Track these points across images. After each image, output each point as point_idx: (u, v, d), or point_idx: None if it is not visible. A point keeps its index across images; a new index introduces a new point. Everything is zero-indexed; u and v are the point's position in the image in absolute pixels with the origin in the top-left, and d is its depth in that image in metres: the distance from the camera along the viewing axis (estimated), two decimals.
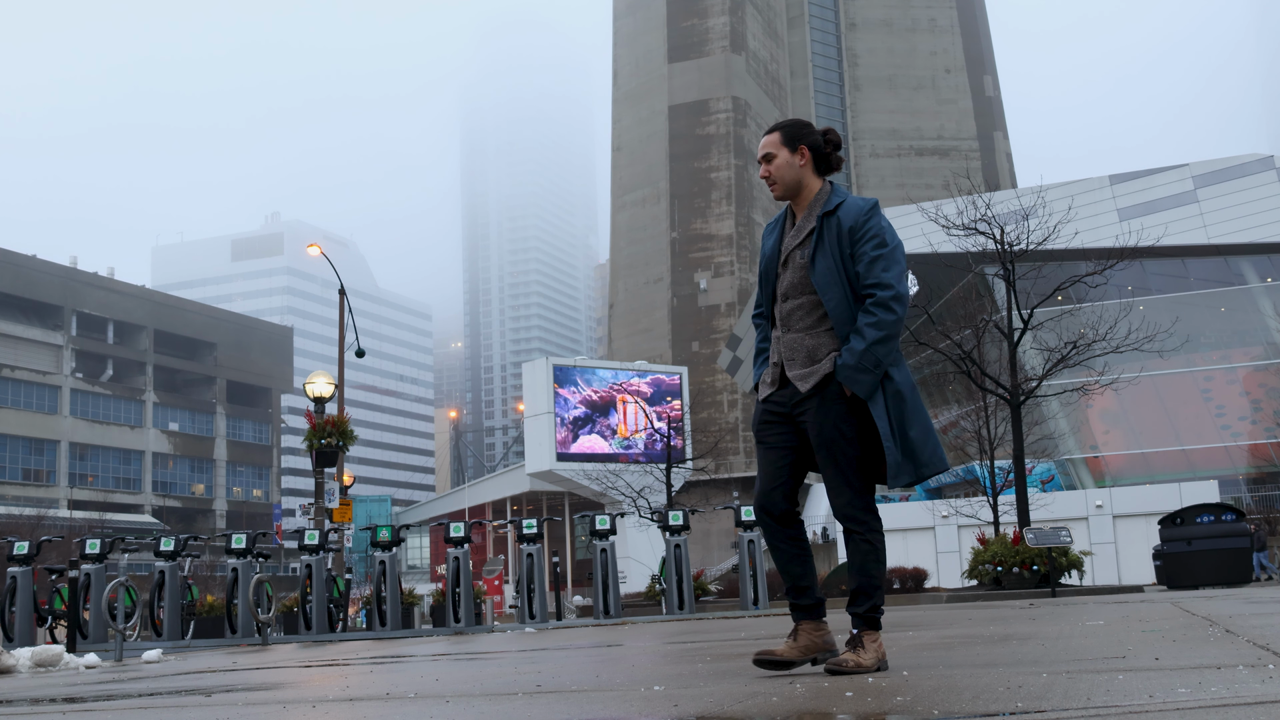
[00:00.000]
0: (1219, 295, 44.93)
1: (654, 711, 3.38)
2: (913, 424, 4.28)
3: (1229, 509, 20.77)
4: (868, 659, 4.15)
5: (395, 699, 4.38)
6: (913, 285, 40.23)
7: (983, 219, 21.53)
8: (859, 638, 4.21)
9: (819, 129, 4.58)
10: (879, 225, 4.34)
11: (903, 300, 4.25)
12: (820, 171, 4.52)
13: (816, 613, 4.41)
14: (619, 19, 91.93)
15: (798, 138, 4.50)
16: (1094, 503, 34.41)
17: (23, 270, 77.93)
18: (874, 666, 4.15)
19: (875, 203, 4.44)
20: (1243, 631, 5.26)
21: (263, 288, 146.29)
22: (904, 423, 4.27)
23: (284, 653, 10.45)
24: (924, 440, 4.27)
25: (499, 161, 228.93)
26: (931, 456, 4.27)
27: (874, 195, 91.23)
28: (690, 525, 15.76)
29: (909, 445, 4.27)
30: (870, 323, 4.24)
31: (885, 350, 4.24)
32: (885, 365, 4.26)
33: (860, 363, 4.22)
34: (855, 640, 4.20)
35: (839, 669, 4.09)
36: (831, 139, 4.54)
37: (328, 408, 23.11)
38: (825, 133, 4.56)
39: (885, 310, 4.23)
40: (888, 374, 4.29)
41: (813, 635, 4.36)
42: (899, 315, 4.23)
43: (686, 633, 9.61)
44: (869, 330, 4.23)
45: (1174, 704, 2.79)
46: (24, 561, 14.96)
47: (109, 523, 66.69)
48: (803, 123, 4.58)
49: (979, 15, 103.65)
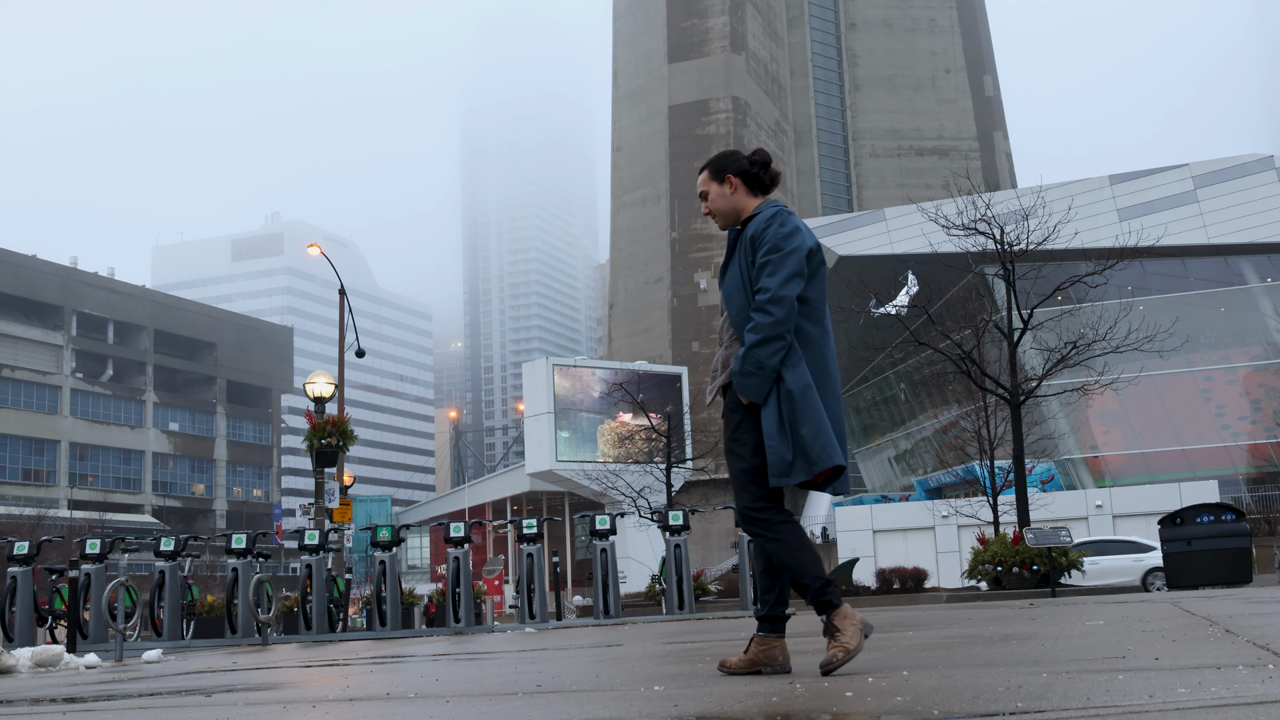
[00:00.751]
0: (1219, 295, 44.94)
1: (654, 711, 3.38)
2: (804, 422, 4.30)
3: (1229, 509, 20.75)
4: (850, 640, 4.17)
5: (395, 699, 4.38)
6: (913, 285, 40.24)
7: (983, 219, 21.54)
8: (830, 624, 4.25)
9: (748, 151, 4.76)
10: (775, 233, 4.44)
11: (779, 301, 4.30)
12: (756, 191, 4.67)
13: (765, 626, 4.48)
14: (619, 19, 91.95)
15: (722, 169, 4.70)
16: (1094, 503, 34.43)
17: (23, 270, 77.94)
18: (858, 644, 4.18)
19: (777, 211, 4.54)
20: (1243, 631, 5.26)
21: (263, 288, 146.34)
22: (795, 421, 4.32)
23: (284, 653, 10.45)
24: (814, 438, 4.28)
25: (499, 161, 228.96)
26: (822, 453, 4.28)
27: (874, 195, 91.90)
28: (690, 525, 15.74)
29: (800, 443, 4.30)
30: (750, 327, 4.35)
31: (767, 352, 4.30)
32: (772, 367, 4.31)
33: (743, 367, 4.33)
34: (829, 628, 4.24)
35: (830, 666, 4.12)
36: (758, 159, 4.68)
37: (328, 408, 23.11)
38: (753, 155, 4.72)
39: (761, 313, 4.31)
40: (781, 375, 4.34)
41: (757, 647, 4.45)
42: (776, 317, 4.29)
43: (686, 633, 9.61)
44: (749, 335, 4.34)
45: (1174, 704, 2.79)
46: (24, 561, 14.95)
47: (109, 523, 66.68)
48: (727, 154, 4.77)
49: (979, 15, 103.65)
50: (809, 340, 4.43)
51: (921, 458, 54.62)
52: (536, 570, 15.15)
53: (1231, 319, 45.04)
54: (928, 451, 53.16)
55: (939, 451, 49.49)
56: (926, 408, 52.42)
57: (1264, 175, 44.90)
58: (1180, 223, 43.10)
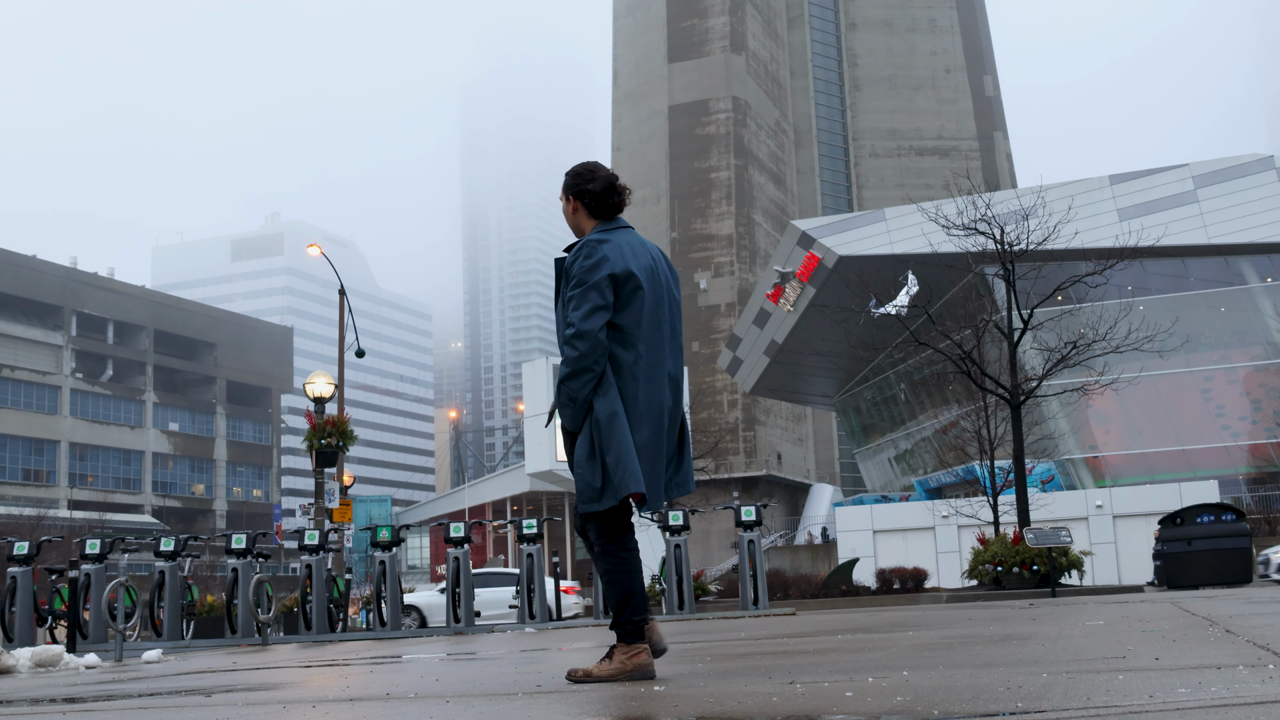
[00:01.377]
0: (1219, 295, 44.92)
1: (654, 711, 3.38)
2: (609, 449, 4.48)
3: (1229, 509, 20.75)
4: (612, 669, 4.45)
5: (396, 699, 4.38)
6: (913, 285, 40.21)
7: (983, 219, 21.54)
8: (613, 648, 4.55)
9: (603, 171, 4.83)
10: (580, 265, 4.59)
11: (583, 336, 4.47)
12: (597, 214, 4.78)
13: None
14: (619, 19, 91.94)
15: (568, 189, 4.85)
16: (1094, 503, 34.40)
17: (23, 270, 77.93)
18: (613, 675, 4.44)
19: (586, 242, 4.66)
20: (1243, 631, 5.26)
21: (263, 288, 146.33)
22: (602, 448, 4.49)
23: (284, 653, 10.45)
24: (616, 465, 4.46)
25: (499, 161, 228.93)
26: (621, 481, 4.46)
27: (874, 195, 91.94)
28: (690, 525, 15.74)
29: (606, 470, 4.49)
30: (559, 362, 4.64)
31: (577, 385, 4.50)
32: (583, 398, 4.51)
33: (557, 399, 4.59)
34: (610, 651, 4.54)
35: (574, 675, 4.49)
36: (598, 183, 4.75)
37: (328, 408, 23.12)
38: (599, 175, 4.78)
39: (568, 347, 4.52)
40: (591, 404, 4.50)
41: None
42: (579, 351, 4.47)
43: (686, 633, 9.60)
44: (560, 368, 4.58)
45: (1174, 704, 2.79)
46: (24, 561, 14.95)
47: (109, 523, 66.70)
48: (578, 172, 4.86)
49: (979, 15, 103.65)
50: (621, 366, 4.56)
51: (921, 458, 54.60)
52: (536, 570, 15.16)
53: (1231, 319, 45.01)
54: (928, 451, 53.15)
55: (939, 451, 49.47)
56: (926, 408, 52.40)
57: (1264, 175, 44.84)
58: (1180, 223, 43.04)
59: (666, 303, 4.73)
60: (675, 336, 4.78)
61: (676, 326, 4.80)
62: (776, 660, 5.40)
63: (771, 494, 72.43)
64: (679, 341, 4.82)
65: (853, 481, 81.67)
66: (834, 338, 41.39)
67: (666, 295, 4.75)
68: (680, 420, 4.81)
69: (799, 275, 47.54)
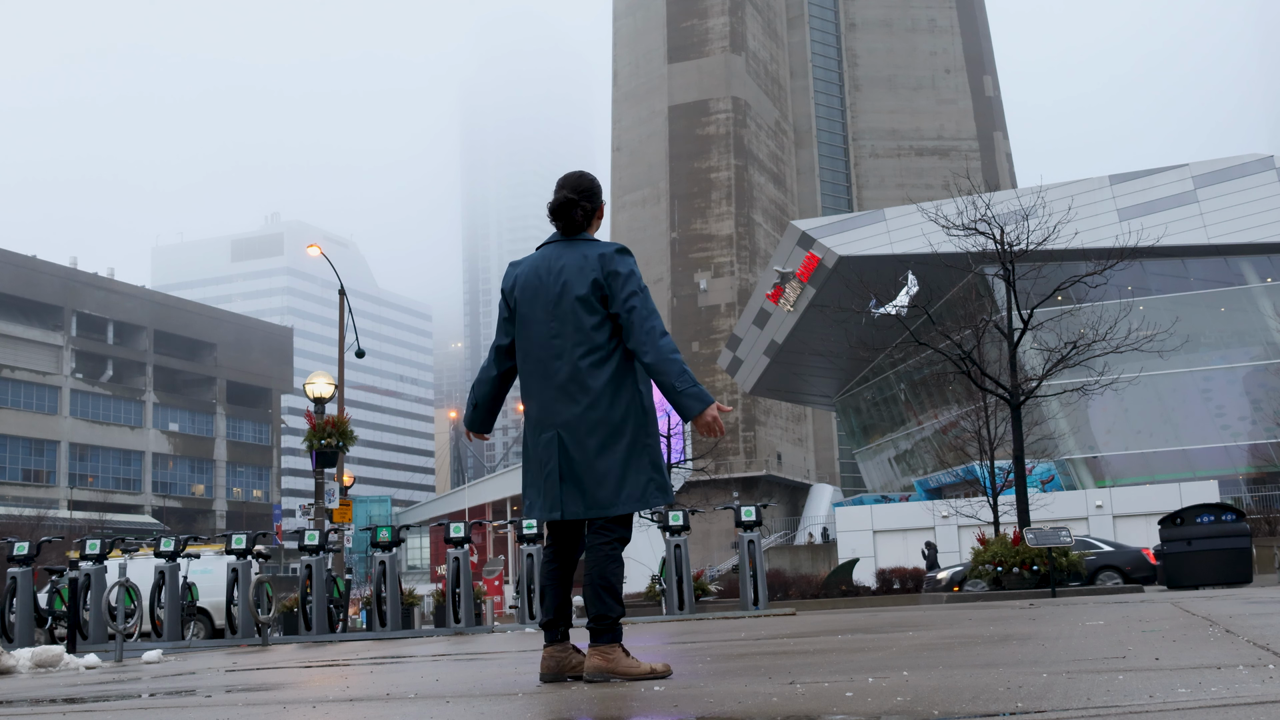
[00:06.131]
0: (1219, 295, 44.93)
1: (654, 711, 3.38)
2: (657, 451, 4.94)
3: (1229, 509, 20.74)
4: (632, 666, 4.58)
5: (396, 699, 4.38)
6: (913, 285, 40.22)
7: (983, 219, 21.51)
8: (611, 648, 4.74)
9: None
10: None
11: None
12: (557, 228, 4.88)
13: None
14: (619, 19, 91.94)
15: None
16: (1094, 503, 34.43)
17: (23, 270, 77.91)
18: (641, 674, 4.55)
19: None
20: (1243, 631, 5.26)
21: (263, 288, 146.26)
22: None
23: (284, 653, 10.45)
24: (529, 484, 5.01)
25: (499, 161, 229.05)
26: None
27: (874, 195, 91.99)
28: (690, 525, 15.74)
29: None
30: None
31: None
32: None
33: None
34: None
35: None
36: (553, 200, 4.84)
37: (328, 408, 23.11)
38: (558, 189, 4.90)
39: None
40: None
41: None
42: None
43: (686, 633, 9.61)
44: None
45: (1174, 704, 2.79)
46: (24, 562, 14.95)
47: (109, 523, 66.67)
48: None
49: (979, 15, 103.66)
50: (522, 383, 4.90)
51: (921, 458, 54.61)
52: (537, 570, 15.15)
53: (1231, 319, 45.02)
54: (928, 452, 53.16)
55: (939, 452, 49.48)
56: (926, 408, 52.41)
57: (1264, 175, 44.84)
58: (1180, 223, 43.04)
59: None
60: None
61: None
62: (776, 660, 5.40)
63: (771, 494, 72.44)
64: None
65: (853, 482, 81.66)
66: (834, 338, 41.38)
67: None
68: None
69: (799, 275, 47.56)
